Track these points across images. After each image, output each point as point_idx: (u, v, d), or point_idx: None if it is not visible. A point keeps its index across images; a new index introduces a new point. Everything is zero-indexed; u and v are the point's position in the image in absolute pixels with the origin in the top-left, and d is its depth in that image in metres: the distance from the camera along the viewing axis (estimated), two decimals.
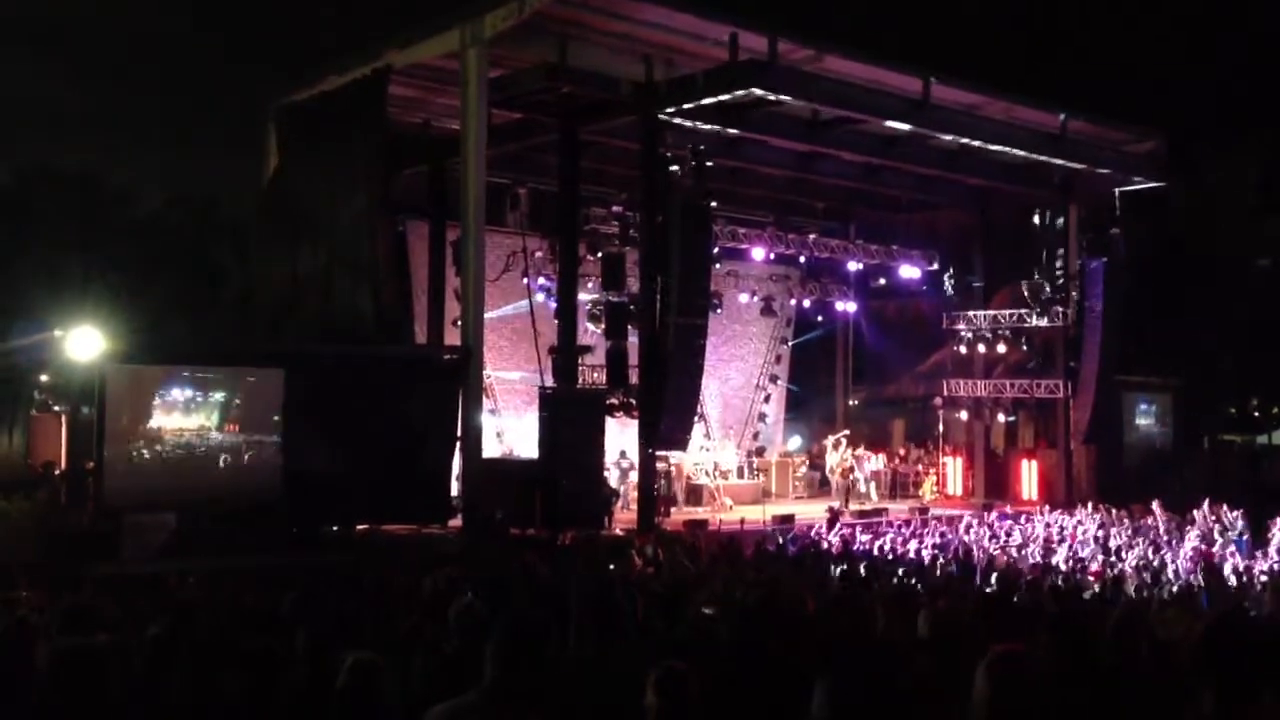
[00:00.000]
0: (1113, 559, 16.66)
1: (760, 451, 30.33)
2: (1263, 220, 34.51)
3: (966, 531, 20.26)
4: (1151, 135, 28.16)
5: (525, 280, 24.65)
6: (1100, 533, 19.66)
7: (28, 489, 17.03)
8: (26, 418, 17.66)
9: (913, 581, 12.14)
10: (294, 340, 20.32)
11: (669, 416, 21.77)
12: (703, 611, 6.82)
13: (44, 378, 18.58)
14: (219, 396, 17.88)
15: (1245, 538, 18.77)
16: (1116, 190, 27.76)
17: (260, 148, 24.01)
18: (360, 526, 18.91)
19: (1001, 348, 29.87)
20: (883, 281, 31.24)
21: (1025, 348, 29.82)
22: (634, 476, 23.96)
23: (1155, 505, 21.99)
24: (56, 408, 18.52)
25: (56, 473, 18.41)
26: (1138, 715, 3.85)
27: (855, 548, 17.65)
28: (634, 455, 24.09)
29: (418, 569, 11.23)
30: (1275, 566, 15.39)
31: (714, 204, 23.27)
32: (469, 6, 20.50)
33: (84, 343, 16.63)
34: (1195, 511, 21.03)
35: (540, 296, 24.62)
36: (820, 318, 32.52)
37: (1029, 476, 29.31)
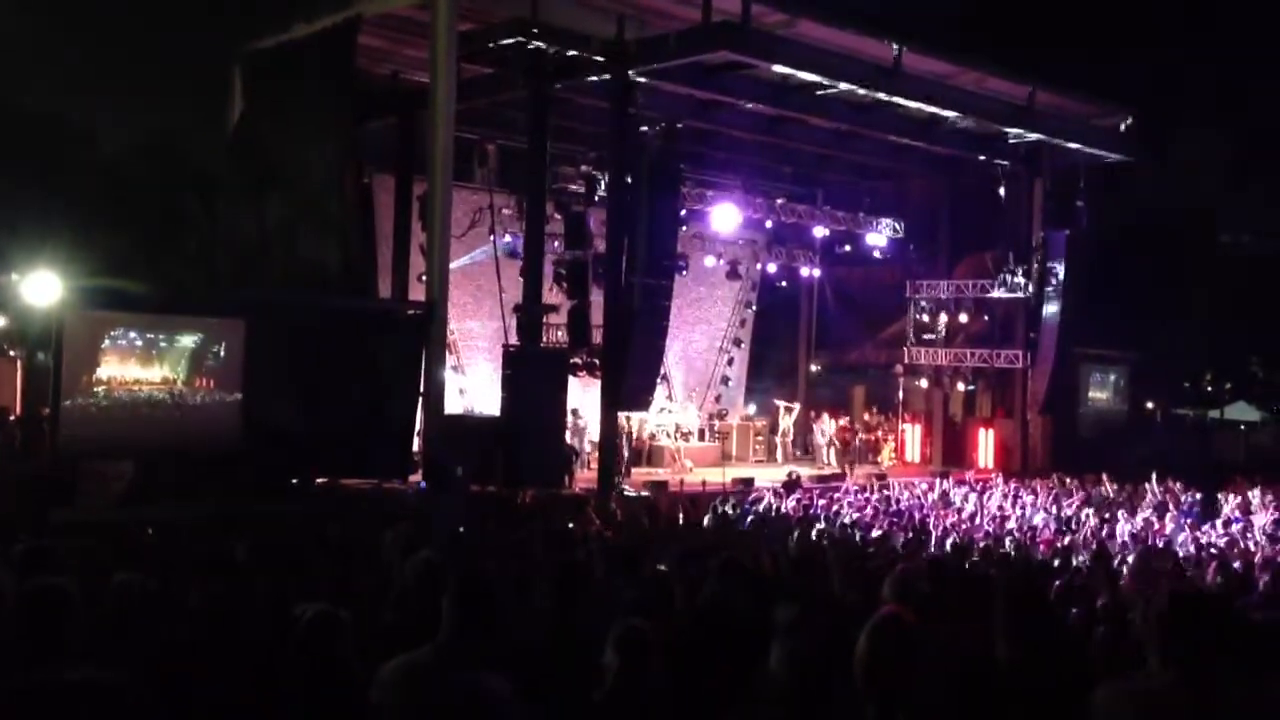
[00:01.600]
0: (1064, 529, 16.92)
1: (722, 415, 30.51)
2: (1227, 198, 34.91)
3: (922, 498, 20.51)
4: (1120, 110, 28.38)
5: (491, 237, 24.54)
6: (1053, 503, 19.94)
7: None
8: None
9: (868, 549, 12.29)
10: (257, 291, 20.17)
11: (632, 377, 21.84)
12: (659, 569, 6.90)
13: (0, 321, 18.35)
14: (178, 344, 17.74)
15: (1195, 510, 19.11)
16: (1083, 163, 27.98)
17: (225, 94, 23.67)
18: (320, 480, 18.86)
19: (963, 317, 30.17)
20: (848, 248, 31.39)
21: (986, 318, 30.13)
22: (590, 436, 24.08)
23: (1104, 476, 22.34)
24: (13, 353, 18.30)
25: (12, 419, 18.23)
26: (1080, 682, 3.97)
27: (812, 512, 17.81)
28: (588, 415, 24.21)
29: (378, 523, 11.25)
30: (1221, 539, 15.69)
31: (682, 166, 23.27)
32: None
33: (41, 287, 16.42)
34: (1146, 484, 21.39)
35: (506, 251, 24.52)
36: (785, 283, 32.64)
37: (985, 445, 29.67)
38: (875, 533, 15.46)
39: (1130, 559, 12.17)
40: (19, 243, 19.42)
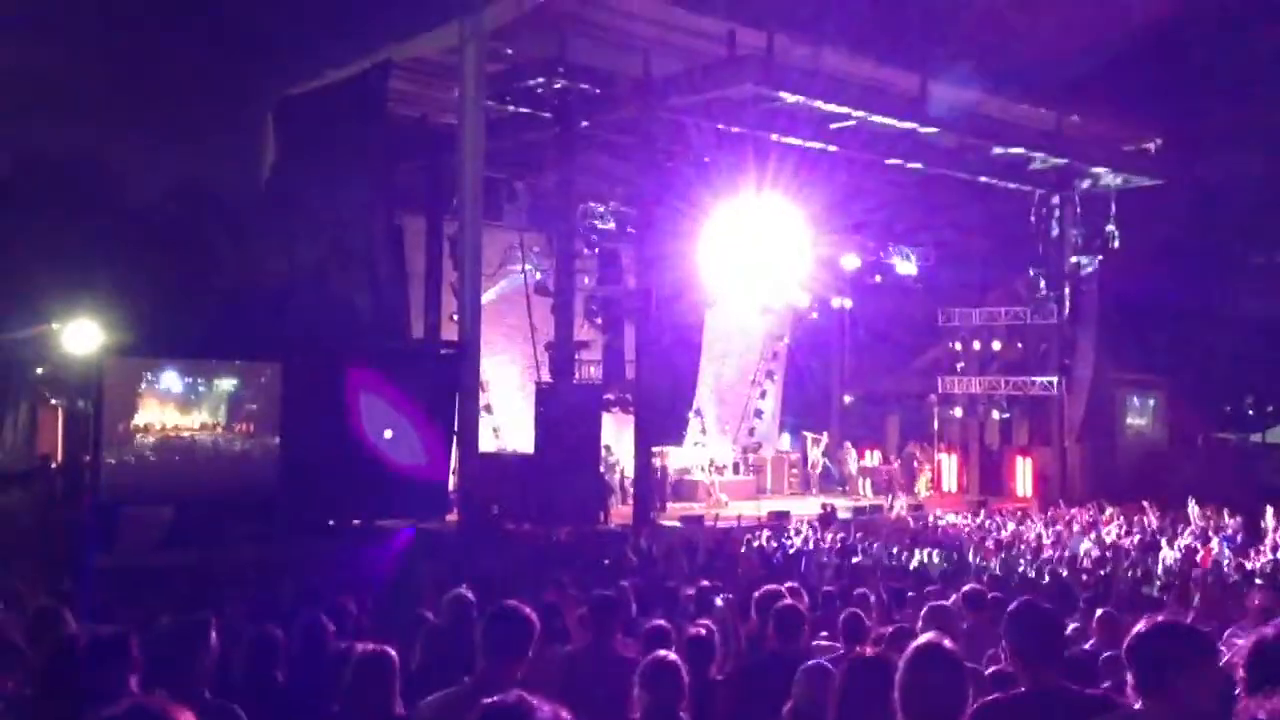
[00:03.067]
0: (1106, 556, 16.72)
1: (756, 448, 30.39)
2: (1261, 217, 34.57)
3: (961, 529, 20.34)
4: (1149, 134, 28.22)
5: (522, 275, 24.67)
6: (1093, 531, 19.72)
7: (25, 482, 17.07)
8: (32, 410, 17.67)
9: (906, 579, 12.20)
10: (291, 334, 20.35)
11: (664, 412, 21.84)
12: (695, 596, 6.90)
13: (40, 370, 18.59)
14: (216, 389, 17.92)
15: (1238, 535, 18.84)
16: (1113, 187, 27.84)
17: (258, 140, 24.00)
18: (356, 520, 18.93)
19: (996, 345, 29.97)
20: (878, 278, 31.28)
21: (1020, 345, 29.92)
22: (624, 472, 24.06)
23: (1145, 504, 22.07)
24: (54, 400, 18.54)
25: (53, 465, 18.43)
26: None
27: (847, 544, 17.71)
28: (619, 450, 24.21)
29: (414, 562, 11.29)
30: (1268, 565, 15.46)
31: (710, 198, 23.35)
32: (468, 1, 20.50)
33: (82, 336, 16.65)
34: (1188, 509, 21.10)
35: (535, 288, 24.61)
36: (816, 314, 32.56)
37: (1023, 474, 29.39)
38: (913, 564, 15.38)
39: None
40: (58, 292, 19.68)
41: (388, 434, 19.02)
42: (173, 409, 17.53)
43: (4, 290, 24.28)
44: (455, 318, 21.91)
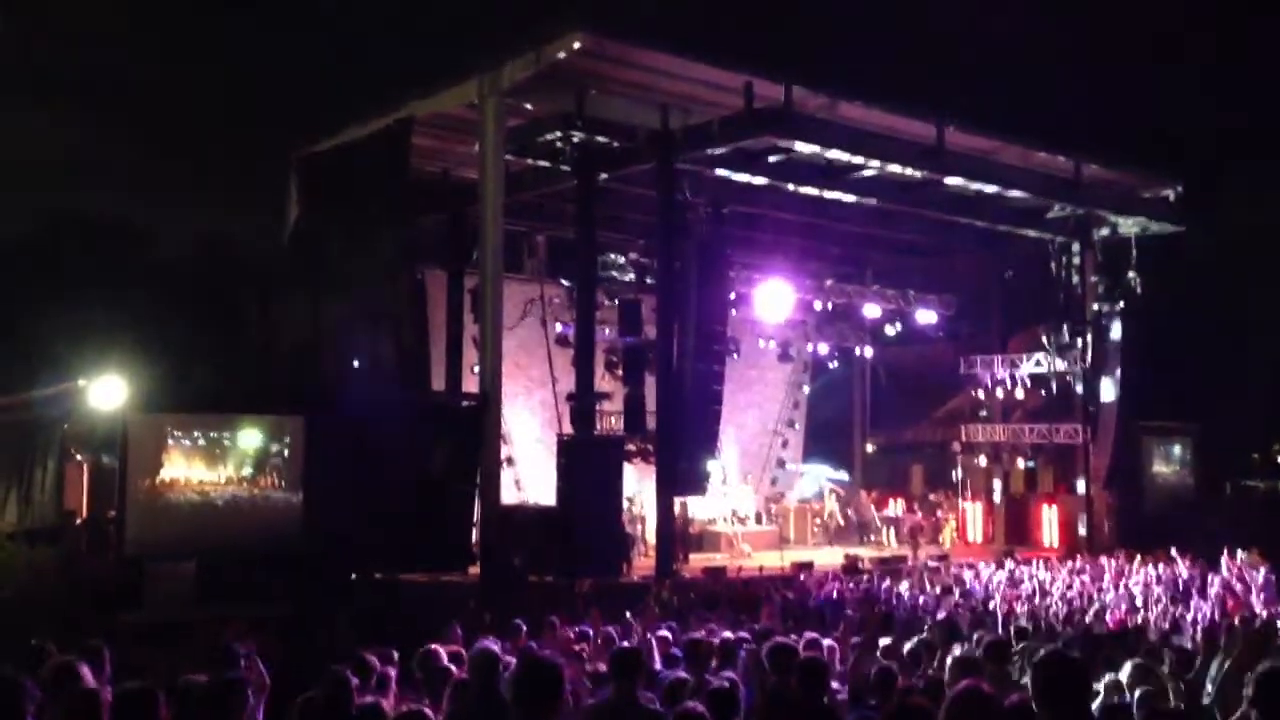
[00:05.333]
0: (1134, 607, 16.52)
1: (778, 497, 30.29)
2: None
3: (987, 579, 20.13)
4: (1167, 180, 28.21)
5: (543, 327, 24.78)
6: (1121, 580, 19.49)
7: (52, 538, 17.14)
8: (60, 467, 17.79)
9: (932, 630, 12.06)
10: (314, 388, 20.47)
11: (686, 462, 21.79)
12: (719, 648, 6.86)
13: (66, 427, 18.72)
14: (241, 443, 18.00)
15: (1272, 585, 18.58)
16: (1134, 234, 27.81)
17: (282, 197, 24.30)
18: (377, 575, 18.90)
19: (1019, 392, 29.83)
20: (899, 326, 31.25)
21: (1043, 393, 29.76)
22: (646, 522, 24.00)
23: (1174, 552, 21.82)
24: (79, 456, 18.65)
25: (78, 521, 18.51)
26: None
27: (873, 594, 17.57)
28: (641, 501, 24.16)
29: (437, 616, 11.26)
30: None
31: (730, 250, 23.44)
32: (487, 57, 20.79)
33: (107, 392, 16.78)
34: (1221, 559, 20.84)
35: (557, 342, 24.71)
36: (836, 363, 32.55)
37: (1049, 522, 29.14)
38: (940, 614, 15.21)
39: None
40: (85, 349, 19.89)
41: (410, 486, 18.96)
42: (198, 464, 17.62)
43: (32, 348, 24.59)
44: (476, 370, 22.00)
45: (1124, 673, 7.40)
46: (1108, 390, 27.83)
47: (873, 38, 35.39)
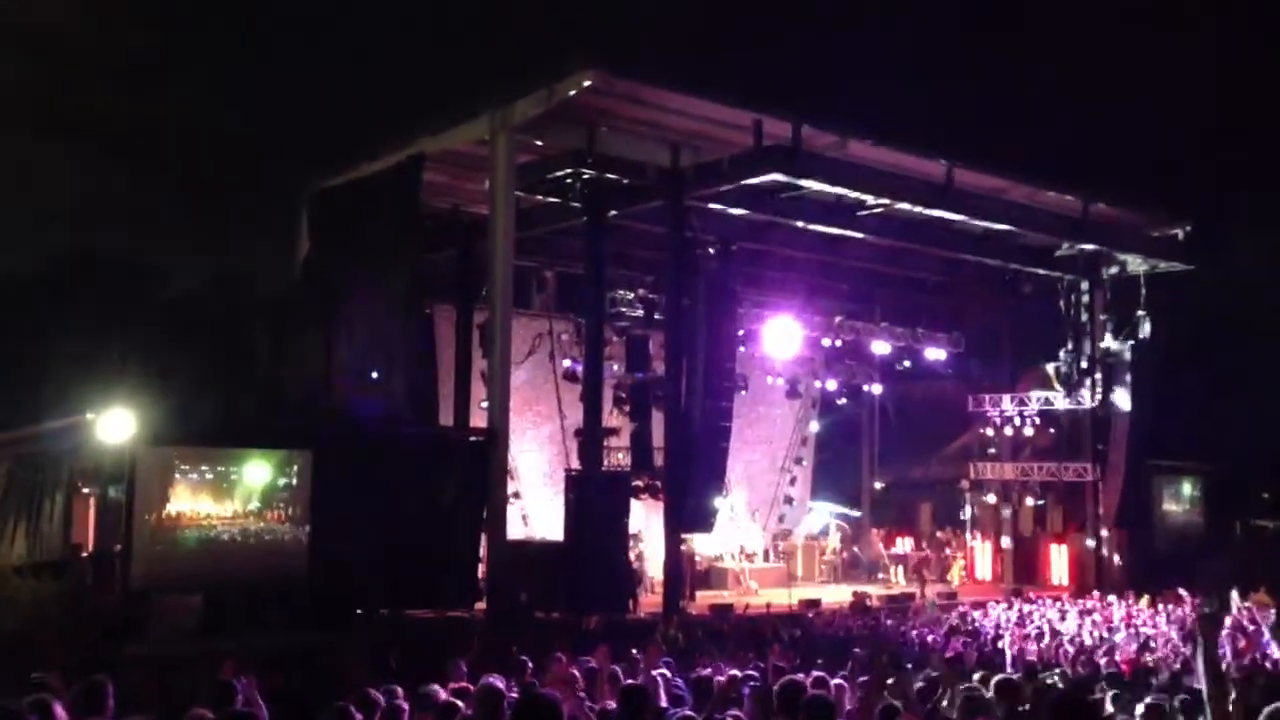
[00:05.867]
0: (1145, 648, 16.39)
1: (786, 534, 30.18)
2: None
3: (996, 618, 20.01)
4: (1175, 219, 28.22)
5: (551, 363, 24.81)
6: (1131, 620, 19.36)
7: (57, 571, 17.11)
8: (68, 500, 17.79)
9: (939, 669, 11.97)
10: (321, 422, 20.48)
11: (694, 498, 21.74)
12: (725, 685, 6.82)
13: (74, 460, 18.73)
14: (248, 477, 18.00)
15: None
16: (1142, 272, 27.82)
17: (293, 233, 24.43)
18: (383, 610, 18.83)
19: (1029, 430, 29.75)
20: (908, 364, 31.23)
21: (1052, 431, 29.68)
22: (654, 559, 23.91)
23: (1183, 592, 21.66)
24: (86, 490, 18.65)
25: (84, 555, 18.48)
26: None
27: (881, 633, 17.46)
28: (648, 538, 24.10)
29: (444, 653, 11.20)
30: None
31: (739, 286, 23.49)
32: (498, 94, 20.93)
33: (115, 425, 16.80)
34: (1231, 599, 20.67)
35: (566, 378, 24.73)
36: (845, 400, 32.50)
37: (1059, 561, 28.99)
38: (948, 653, 15.10)
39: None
40: (94, 382, 19.96)
41: (417, 521, 18.89)
42: (205, 497, 17.60)
43: (42, 382, 24.69)
44: (485, 405, 22.01)
45: (1138, 713, 7.35)
46: (1118, 429, 27.74)
47: (882, 76, 35.60)
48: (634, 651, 10.54)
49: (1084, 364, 28.44)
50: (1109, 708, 9.95)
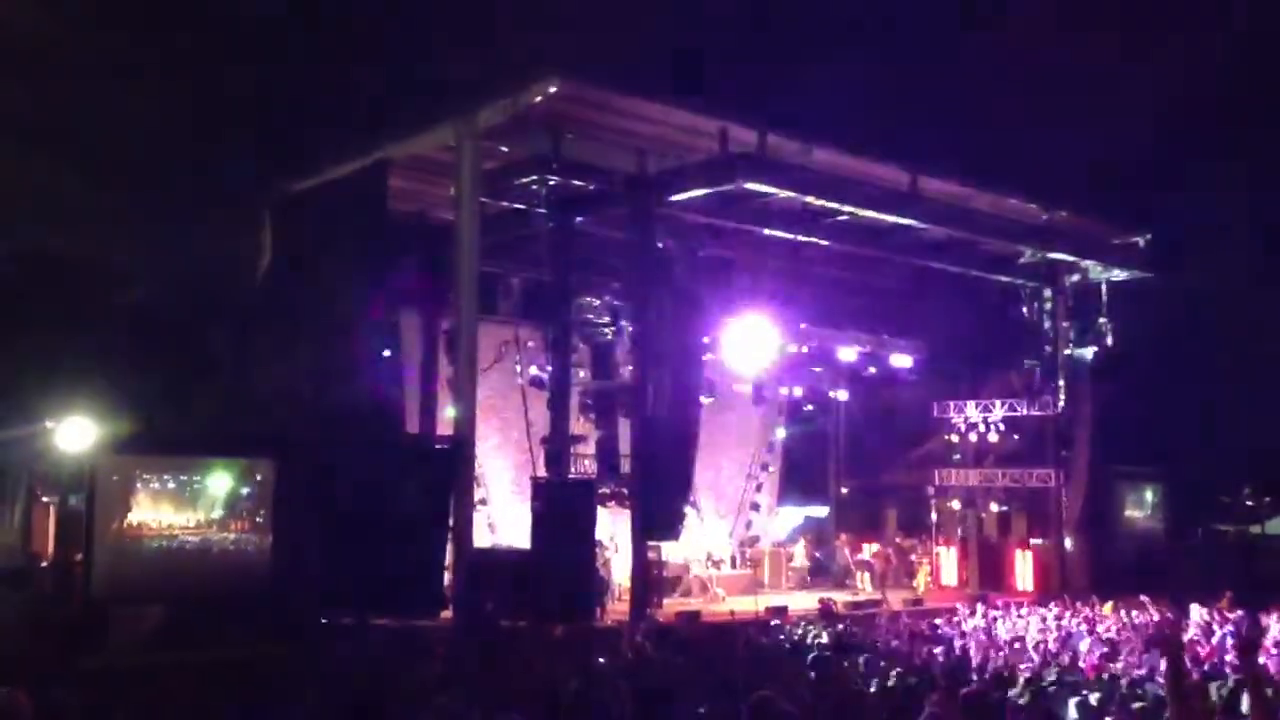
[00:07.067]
0: (1109, 654, 16.51)
1: (753, 541, 30.20)
2: (1254, 309, 34.79)
3: (958, 626, 20.11)
4: (1136, 228, 28.56)
5: (517, 369, 24.72)
6: (1093, 626, 19.51)
7: (16, 581, 16.88)
8: (27, 509, 17.57)
9: (910, 680, 12.01)
10: (284, 430, 20.31)
11: (661, 506, 21.72)
12: (697, 713, 6.80)
13: (33, 468, 18.50)
14: (210, 486, 17.83)
15: (1241, 630, 18.61)
16: (1104, 280, 28.09)
17: (255, 237, 24.20)
18: (346, 620, 18.68)
19: (993, 437, 29.96)
20: (873, 370, 31.36)
21: (1016, 437, 29.90)
22: (620, 567, 23.88)
23: (1145, 599, 21.87)
24: (46, 499, 18.42)
25: (43, 564, 18.25)
26: None
27: (846, 640, 17.48)
28: (615, 545, 24.06)
29: (406, 662, 11.14)
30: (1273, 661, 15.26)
31: (705, 293, 23.52)
32: (464, 101, 20.87)
33: (74, 434, 16.61)
34: (1191, 605, 20.89)
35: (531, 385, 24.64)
36: (811, 406, 32.57)
37: (1023, 567, 29.18)
38: (914, 663, 15.15)
39: None
40: (54, 389, 19.68)
41: (382, 529, 18.76)
42: (166, 506, 17.43)
43: (1, 387, 24.30)
44: (451, 412, 21.90)
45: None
46: (1081, 435, 27.98)
47: (847, 84, 35.76)
48: (600, 660, 10.49)
49: (1046, 370, 28.67)
50: (1072, 714, 10.03)
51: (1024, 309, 28.88)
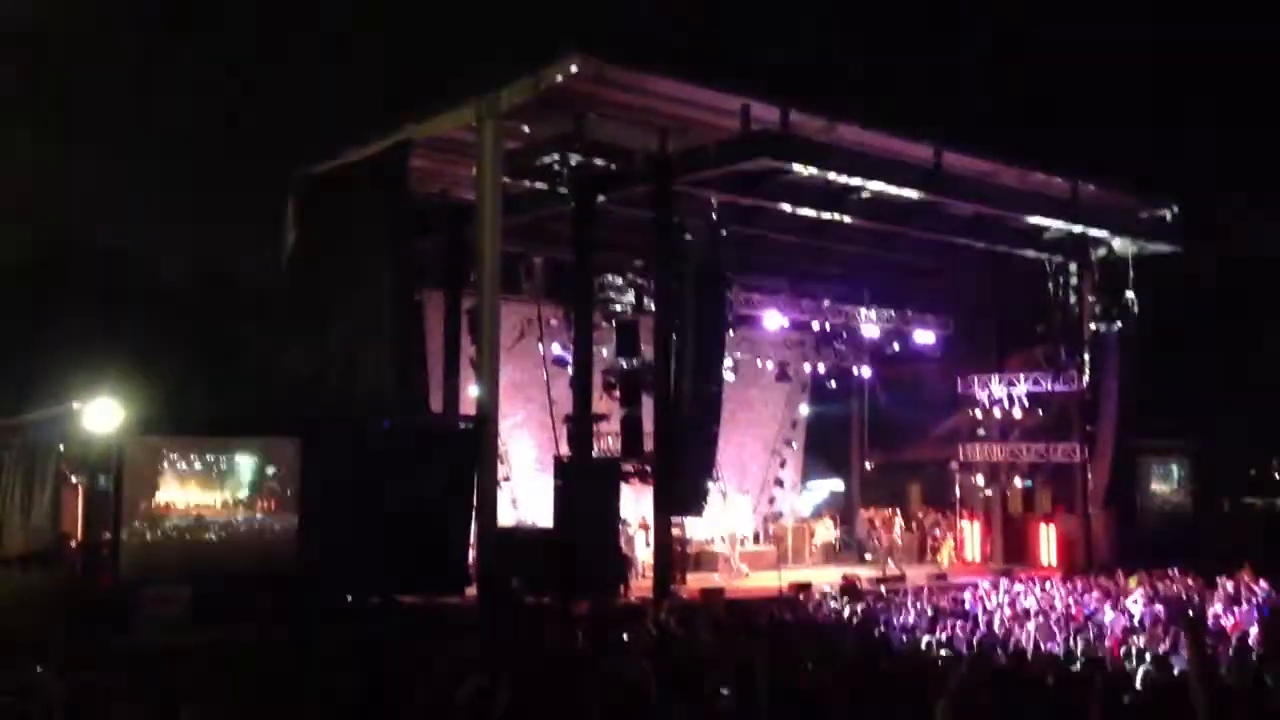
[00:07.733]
0: (1133, 626, 16.47)
1: (776, 517, 30.23)
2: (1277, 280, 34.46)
3: (983, 600, 20.07)
4: (1164, 201, 28.23)
5: (540, 348, 24.77)
6: (1119, 600, 19.43)
7: (46, 561, 17.08)
8: (56, 490, 17.76)
9: (935, 655, 12.04)
10: (310, 411, 20.43)
11: (684, 483, 21.76)
12: (720, 692, 6.82)
13: (61, 449, 18.69)
14: (237, 467, 17.98)
15: (1268, 603, 18.53)
16: (1131, 254, 27.83)
17: (279, 220, 24.29)
18: (373, 598, 18.83)
19: (1017, 412, 29.82)
20: (897, 347, 31.25)
21: (1041, 412, 29.74)
22: (644, 543, 23.96)
23: (1172, 571, 21.78)
24: (75, 479, 18.61)
25: (72, 544, 18.45)
26: None
27: (871, 616, 17.51)
28: (638, 522, 24.14)
29: (433, 641, 11.22)
30: None
31: (728, 271, 23.47)
32: (485, 81, 20.83)
33: (102, 415, 16.76)
34: (1218, 578, 20.80)
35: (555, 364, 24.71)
36: (835, 383, 32.51)
37: (1047, 541, 29.09)
38: (941, 635, 15.17)
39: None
40: (83, 372, 19.87)
41: (407, 508, 18.86)
42: (194, 487, 17.59)
43: (32, 371, 24.57)
44: (474, 391, 21.97)
45: None
46: (1105, 409, 27.81)
47: (870, 59, 35.54)
48: (624, 636, 10.53)
49: (1072, 345, 28.48)
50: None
51: (1050, 284, 28.64)
